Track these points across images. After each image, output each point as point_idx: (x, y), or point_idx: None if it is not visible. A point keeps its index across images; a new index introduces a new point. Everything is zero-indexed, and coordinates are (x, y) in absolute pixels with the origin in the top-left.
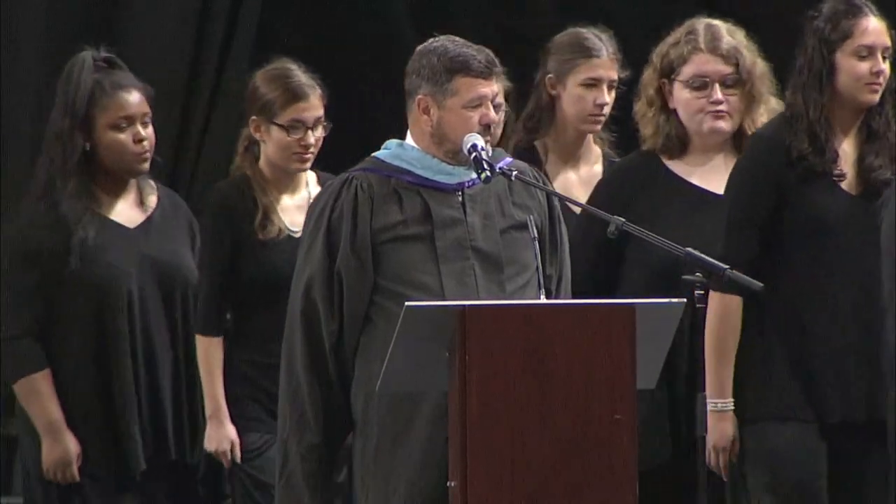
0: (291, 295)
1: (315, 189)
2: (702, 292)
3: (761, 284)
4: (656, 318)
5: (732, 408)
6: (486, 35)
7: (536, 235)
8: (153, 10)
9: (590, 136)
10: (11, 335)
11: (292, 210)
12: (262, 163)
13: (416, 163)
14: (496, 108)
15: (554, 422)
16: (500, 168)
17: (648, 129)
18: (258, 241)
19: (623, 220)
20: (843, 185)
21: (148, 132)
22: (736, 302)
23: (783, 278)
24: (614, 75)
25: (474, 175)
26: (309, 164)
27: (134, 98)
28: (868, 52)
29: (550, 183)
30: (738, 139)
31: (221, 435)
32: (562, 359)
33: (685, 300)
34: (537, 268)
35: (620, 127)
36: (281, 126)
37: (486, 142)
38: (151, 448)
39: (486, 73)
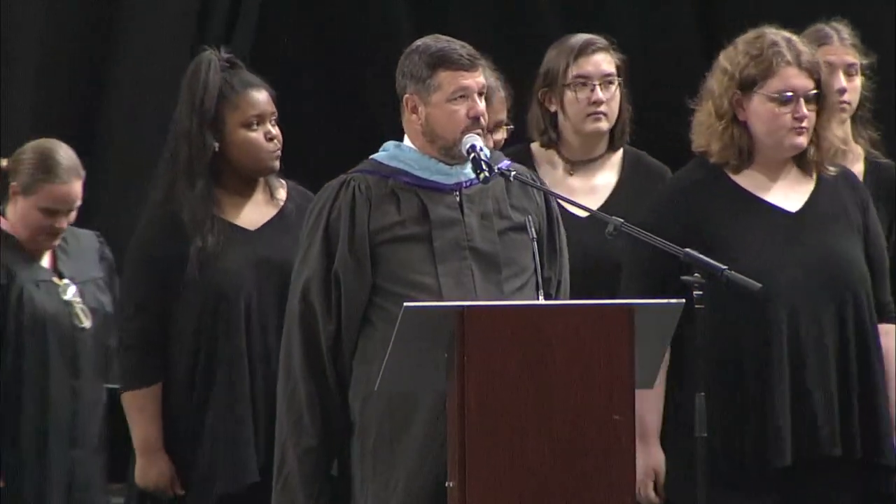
0: (289, 297)
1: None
2: (700, 293)
3: (759, 285)
4: (655, 318)
5: None
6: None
7: (535, 236)
8: (153, 10)
9: None
10: (127, 344)
11: None
12: None
13: (414, 163)
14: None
15: (552, 422)
16: (499, 168)
17: (717, 141)
18: None
19: (622, 220)
20: None
21: (276, 130)
22: None
23: None
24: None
25: (472, 175)
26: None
27: (262, 96)
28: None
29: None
30: (800, 155)
31: None
32: (561, 359)
33: (684, 300)
34: (535, 269)
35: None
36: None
37: (479, 134)
38: (264, 458)
39: (467, 65)
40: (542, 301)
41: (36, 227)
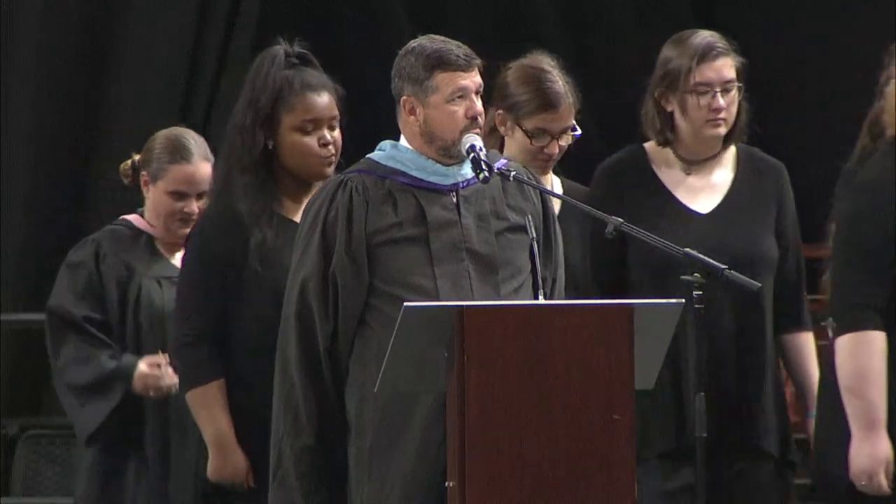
0: (286, 297)
1: (559, 190)
2: (700, 292)
3: (759, 284)
4: (654, 318)
5: None
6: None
7: (535, 236)
8: (152, 10)
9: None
10: (186, 342)
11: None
12: None
13: (410, 164)
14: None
15: (552, 422)
16: (498, 168)
17: None
18: None
19: (621, 220)
20: None
21: (335, 135)
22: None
23: None
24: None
25: (469, 176)
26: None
27: (322, 100)
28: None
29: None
30: None
31: None
32: (560, 359)
33: (683, 300)
34: (534, 269)
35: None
36: (524, 130)
37: (476, 133)
38: None
39: (465, 66)
40: (541, 301)
41: (166, 213)
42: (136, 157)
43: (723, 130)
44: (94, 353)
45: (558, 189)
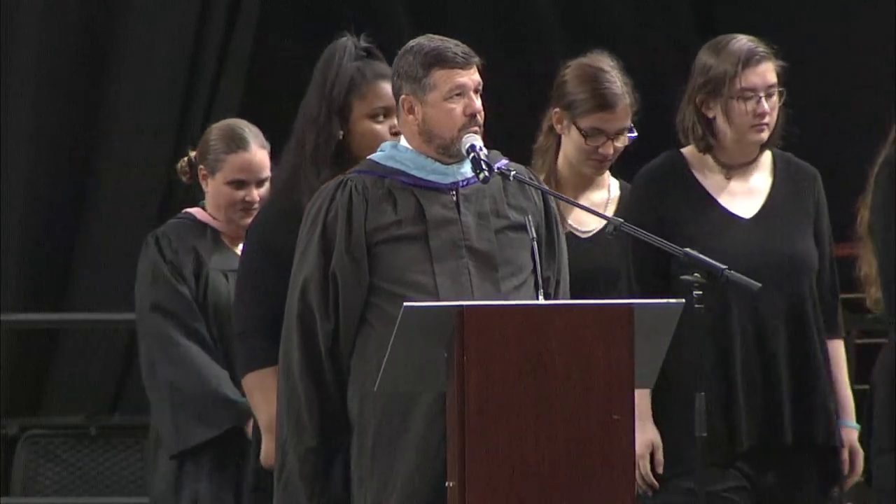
0: (288, 298)
1: (616, 192)
2: (700, 293)
3: (759, 284)
4: (654, 318)
5: None
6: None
7: (535, 236)
8: (152, 10)
9: None
10: (243, 331)
11: (581, 211)
12: (560, 163)
13: (410, 163)
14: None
15: (552, 422)
16: (498, 168)
17: None
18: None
19: (621, 220)
20: None
21: (478, 104)
22: None
23: None
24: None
25: (469, 175)
26: (605, 168)
27: None
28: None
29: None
30: None
31: None
32: (560, 359)
33: (683, 300)
34: (534, 269)
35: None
36: (580, 130)
37: (477, 133)
38: None
39: (462, 63)
40: (541, 301)
41: (227, 203)
42: (192, 154)
43: (766, 135)
44: (210, 366)
45: (615, 192)
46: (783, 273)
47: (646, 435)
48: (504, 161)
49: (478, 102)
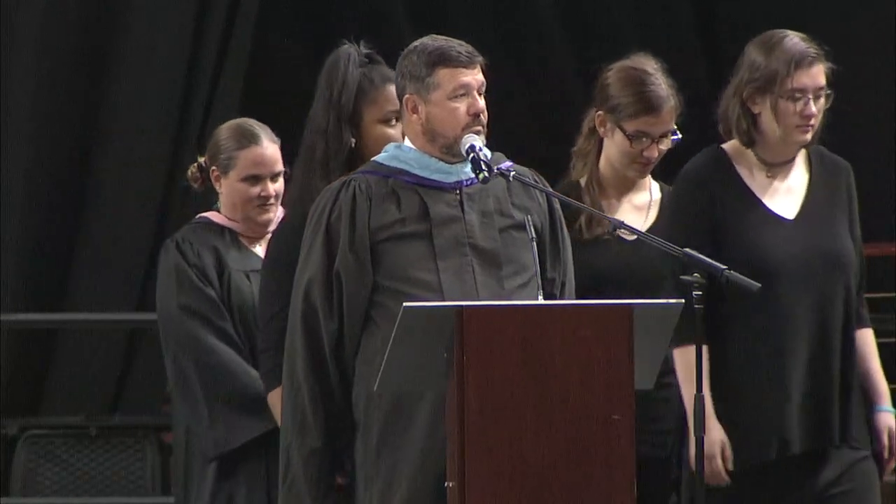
0: (291, 299)
1: (657, 194)
2: (700, 293)
3: (759, 285)
4: (654, 318)
5: None
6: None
7: (534, 236)
8: (152, 10)
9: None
10: (266, 348)
11: (627, 211)
12: (602, 165)
13: (414, 162)
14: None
15: (552, 422)
16: (498, 169)
17: None
18: (583, 240)
19: (621, 220)
20: None
21: (482, 103)
22: None
23: None
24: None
25: (473, 174)
26: (649, 170)
27: None
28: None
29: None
30: None
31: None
32: (560, 359)
33: (683, 300)
34: (536, 269)
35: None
36: (625, 133)
37: (479, 133)
38: None
39: (466, 62)
40: (541, 301)
41: (243, 200)
42: (201, 160)
43: (809, 136)
44: (243, 367)
45: (657, 194)
46: (827, 272)
47: (715, 433)
48: (508, 163)
49: (481, 102)
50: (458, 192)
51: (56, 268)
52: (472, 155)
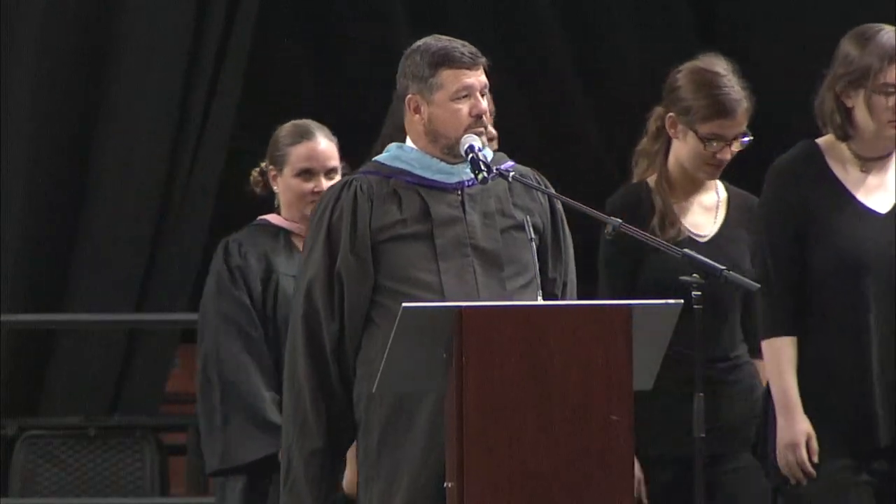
0: (293, 299)
1: (724, 194)
2: (699, 293)
3: (758, 285)
4: (653, 319)
5: None
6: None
7: (534, 236)
8: (152, 9)
9: None
10: None
11: (697, 212)
12: (671, 166)
13: (415, 163)
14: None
15: (551, 423)
16: (498, 169)
17: None
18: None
19: (620, 220)
20: None
21: (483, 105)
22: None
23: None
24: None
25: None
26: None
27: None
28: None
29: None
30: None
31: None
32: (559, 360)
33: (682, 301)
34: (536, 269)
35: None
36: (698, 136)
37: (481, 134)
38: None
39: (469, 63)
40: (540, 301)
41: (297, 196)
42: (262, 165)
43: None
44: (258, 387)
45: (723, 194)
46: None
47: (800, 424)
48: (509, 163)
49: (484, 103)
50: (459, 192)
51: (55, 268)
52: (470, 155)
